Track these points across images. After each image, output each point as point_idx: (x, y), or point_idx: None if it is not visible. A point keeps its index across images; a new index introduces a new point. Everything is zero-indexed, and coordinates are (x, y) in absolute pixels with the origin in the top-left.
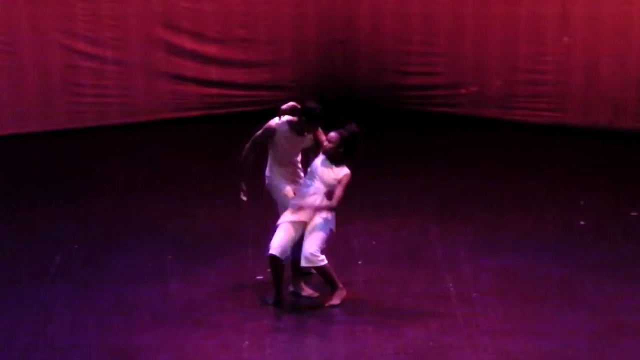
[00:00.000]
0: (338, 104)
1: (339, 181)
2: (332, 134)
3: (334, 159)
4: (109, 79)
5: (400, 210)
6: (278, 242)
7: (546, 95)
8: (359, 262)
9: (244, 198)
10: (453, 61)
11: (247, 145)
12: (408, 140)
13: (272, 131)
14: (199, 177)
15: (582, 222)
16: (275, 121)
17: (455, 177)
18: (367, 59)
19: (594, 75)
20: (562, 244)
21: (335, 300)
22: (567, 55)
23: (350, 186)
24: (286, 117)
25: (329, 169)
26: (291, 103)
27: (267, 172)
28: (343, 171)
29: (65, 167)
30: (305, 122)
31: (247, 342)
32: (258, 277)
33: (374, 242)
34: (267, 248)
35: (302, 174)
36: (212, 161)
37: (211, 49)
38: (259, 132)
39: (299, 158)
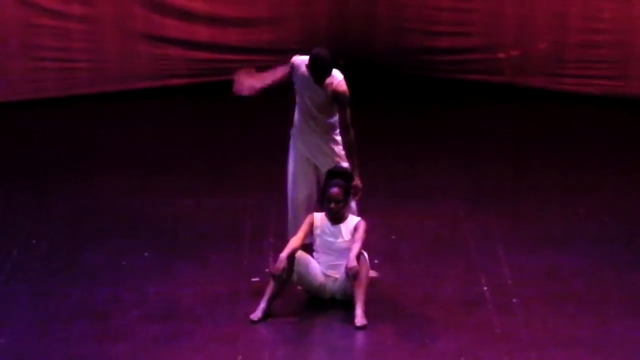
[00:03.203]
0: (353, 69)
1: (357, 228)
2: (335, 190)
3: (338, 217)
4: (75, 40)
5: (426, 197)
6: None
7: (603, 60)
8: (376, 261)
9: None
10: (491, 19)
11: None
12: (436, 113)
13: (291, 66)
14: (184, 159)
15: None
16: (299, 57)
17: (492, 157)
18: (388, 15)
19: None
20: (621, 239)
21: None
22: (629, 9)
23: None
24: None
25: (342, 225)
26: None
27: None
28: (355, 219)
29: (23, 145)
30: (308, 69)
31: (240, 357)
32: (254, 279)
33: (393, 237)
34: (267, 244)
35: (337, 142)
36: (199, 140)
37: (199, 4)
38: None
39: (334, 120)
